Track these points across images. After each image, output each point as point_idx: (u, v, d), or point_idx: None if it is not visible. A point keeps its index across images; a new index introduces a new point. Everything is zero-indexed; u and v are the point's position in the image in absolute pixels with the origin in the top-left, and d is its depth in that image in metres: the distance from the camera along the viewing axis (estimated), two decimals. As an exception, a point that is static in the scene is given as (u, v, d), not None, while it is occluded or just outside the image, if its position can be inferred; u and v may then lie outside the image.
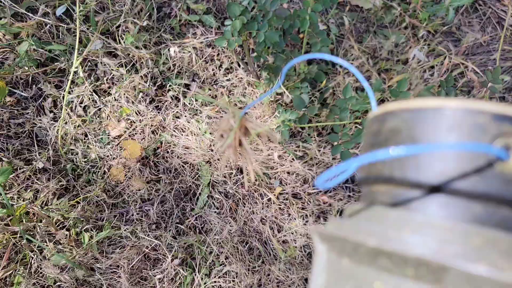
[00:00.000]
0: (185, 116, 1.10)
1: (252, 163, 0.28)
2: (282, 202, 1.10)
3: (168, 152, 1.09)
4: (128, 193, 1.04)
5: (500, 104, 0.17)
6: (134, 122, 1.08)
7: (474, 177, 0.17)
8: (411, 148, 0.17)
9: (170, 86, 1.12)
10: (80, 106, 1.07)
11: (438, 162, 0.18)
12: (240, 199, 1.09)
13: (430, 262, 0.15)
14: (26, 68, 1.04)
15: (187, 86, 1.15)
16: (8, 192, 0.96)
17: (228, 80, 1.17)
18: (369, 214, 0.20)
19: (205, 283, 0.99)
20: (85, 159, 1.05)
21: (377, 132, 0.21)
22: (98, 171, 1.05)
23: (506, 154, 0.17)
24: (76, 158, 1.04)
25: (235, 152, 0.28)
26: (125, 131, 1.07)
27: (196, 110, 1.12)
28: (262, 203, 1.09)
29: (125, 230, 1.01)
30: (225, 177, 1.10)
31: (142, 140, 1.07)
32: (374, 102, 0.24)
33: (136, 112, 1.08)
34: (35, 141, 1.03)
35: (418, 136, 0.18)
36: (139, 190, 1.05)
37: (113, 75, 1.09)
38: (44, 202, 0.99)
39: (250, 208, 1.08)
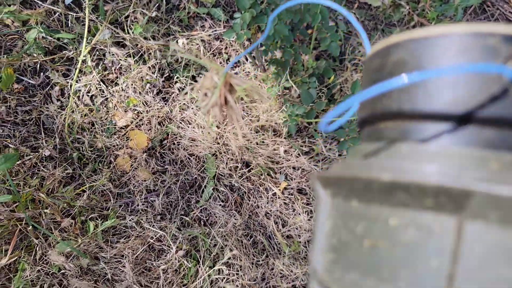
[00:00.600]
0: (192, 108, 1.10)
1: (239, 122, 0.27)
2: (287, 197, 1.10)
3: (174, 143, 1.09)
4: (133, 183, 1.04)
5: (510, 25, 0.17)
6: (141, 113, 1.08)
7: (488, 101, 0.16)
8: (425, 73, 0.16)
9: (177, 78, 1.12)
10: (87, 95, 1.07)
11: (448, 90, 0.17)
12: (245, 192, 1.09)
13: (452, 188, 0.15)
14: (34, 56, 1.04)
15: (194, 78, 1.14)
16: (14, 178, 0.96)
17: (235, 73, 1.16)
18: (378, 150, 0.19)
19: (209, 275, 0.99)
20: (92, 148, 1.05)
21: (380, 67, 0.20)
22: (104, 161, 1.05)
23: None
24: (82, 147, 1.04)
25: (221, 110, 0.27)
26: (132, 122, 1.07)
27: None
28: (267, 198, 1.09)
29: (130, 220, 1.00)
30: (230, 170, 1.09)
31: (148, 131, 1.07)
32: (368, 43, 0.23)
33: (143, 103, 1.08)
34: (42, 128, 1.03)
35: (426, 65, 0.18)
36: (145, 180, 1.04)
37: (121, 65, 1.09)
38: (50, 189, 0.99)
39: (255, 202, 1.08)
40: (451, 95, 0.17)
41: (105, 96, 1.08)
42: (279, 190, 1.10)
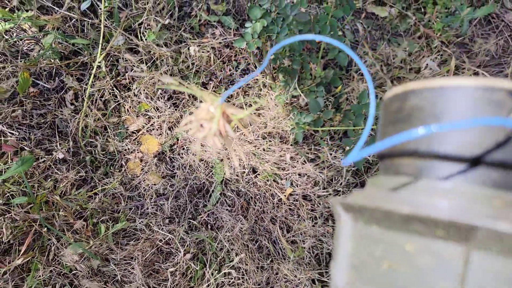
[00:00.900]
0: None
1: (235, 150, 0.29)
2: (292, 203, 1.12)
3: (184, 148, 1.11)
4: (144, 187, 1.07)
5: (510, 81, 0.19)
6: (152, 118, 1.10)
7: (494, 147, 0.19)
8: (441, 126, 0.19)
9: (188, 84, 1.15)
10: (101, 100, 1.09)
11: (460, 135, 0.20)
12: (251, 198, 1.11)
13: (460, 223, 0.17)
14: (50, 61, 1.07)
15: (204, 85, 1.17)
16: (29, 180, 0.98)
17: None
18: (397, 184, 0.22)
19: (215, 279, 1.02)
20: (104, 152, 1.07)
21: (399, 110, 0.22)
22: (116, 164, 1.08)
23: None
24: (95, 150, 1.07)
25: (220, 140, 0.28)
26: (143, 126, 1.10)
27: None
28: (273, 203, 1.11)
29: (140, 223, 1.03)
30: (237, 176, 1.12)
31: (159, 135, 1.10)
32: (372, 87, 0.25)
33: (154, 108, 1.11)
34: (56, 132, 1.06)
35: (440, 113, 0.20)
36: (155, 184, 1.07)
37: (134, 70, 1.12)
38: (63, 192, 1.02)
39: (261, 207, 1.11)
40: (462, 140, 0.19)
41: (118, 101, 1.10)
42: (285, 196, 1.12)
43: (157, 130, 1.10)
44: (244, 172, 1.13)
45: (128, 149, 1.08)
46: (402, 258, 0.19)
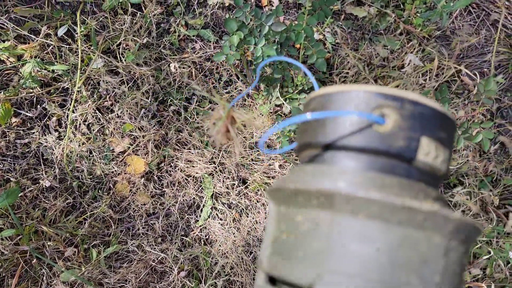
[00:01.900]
0: (187, 129, 1.13)
1: (237, 146, 0.36)
2: (285, 211, 1.12)
3: (171, 166, 1.11)
4: (133, 208, 1.06)
5: (376, 86, 0.24)
6: (137, 138, 1.10)
7: (361, 136, 0.24)
8: (318, 113, 0.25)
9: (171, 101, 1.15)
10: (84, 124, 1.09)
11: (337, 129, 0.25)
12: (243, 209, 1.11)
13: (324, 191, 0.22)
14: (31, 89, 1.07)
15: (187, 100, 1.17)
16: (16, 211, 0.98)
17: (227, 92, 1.19)
18: (295, 170, 0.28)
19: (211, 294, 1.01)
20: (91, 176, 1.07)
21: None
22: (104, 187, 1.08)
23: (381, 120, 0.23)
24: (81, 175, 1.07)
25: (224, 137, 0.35)
26: (129, 147, 1.10)
27: (198, 123, 1.15)
28: (265, 213, 1.11)
29: (131, 244, 1.03)
30: (227, 188, 1.12)
31: (145, 155, 1.10)
32: (316, 85, 0.31)
33: (138, 128, 1.11)
34: (41, 160, 1.06)
35: (326, 110, 0.26)
36: (144, 204, 1.07)
37: (115, 92, 1.12)
38: (52, 220, 1.02)
39: (253, 218, 1.10)
40: (339, 132, 0.25)
41: (102, 123, 1.10)
42: (277, 205, 1.12)
43: (143, 149, 1.10)
44: (234, 184, 1.12)
45: (115, 171, 1.08)
46: (293, 227, 0.24)
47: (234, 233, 1.09)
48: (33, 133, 1.07)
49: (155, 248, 1.03)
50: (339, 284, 0.21)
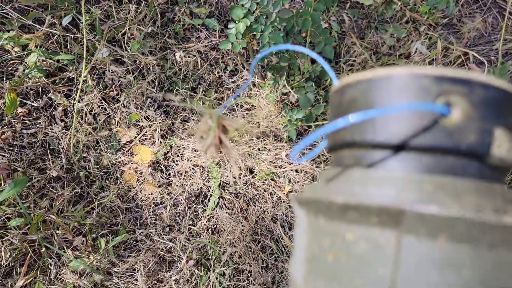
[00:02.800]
0: (193, 119, 1.12)
1: (234, 158, 0.31)
2: (292, 200, 1.11)
3: (178, 155, 1.10)
4: (141, 198, 1.06)
5: (438, 68, 0.20)
6: (144, 128, 1.10)
7: (423, 133, 0.20)
8: (365, 113, 0.20)
9: (177, 90, 1.14)
10: (90, 114, 1.09)
11: (391, 124, 0.20)
12: (250, 199, 1.11)
13: (390, 208, 0.18)
14: (36, 79, 1.06)
15: (193, 89, 1.16)
16: (24, 201, 0.98)
17: (233, 82, 1.18)
18: (337, 175, 0.23)
19: (220, 283, 1.01)
20: (98, 166, 1.07)
21: (339, 104, 0.23)
22: (111, 177, 1.07)
23: (447, 110, 0.19)
24: (88, 165, 1.06)
25: (217, 149, 0.31)
26: (135, 137, 1.09)
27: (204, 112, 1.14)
28: (272, 202, 1.11)
29: (140, 234, 1.03)
30: (234, 177, 1.11)
31: (152, 144, 1.09)
32: (333, 75, 0.26)
33: (145, 118, 1.10)
34: (48, 150, 1.05)
35: (372, 102, 0.21)
36: (152, 194, 1.06)
37: (121, 82, 1.11)
38: (60, 209, 1.01)
39: (260, 207, 1.10)
40: (394, 128, 0.20)
41: (108, 113, 1.10)
42: (284, 194, 1.11)
43: (149, 139, 1.09)
44: (241, 173, 1.12)
45: (122, 161, 1.08)
46: (343, 247, 0.20)
47: (241, 223, 1.08)
48: (39, 123, 1.06)
49: (163, 237, 1.03)
50: None
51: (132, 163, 1.07)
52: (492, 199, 0.19)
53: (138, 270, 0.99)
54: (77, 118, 1.06)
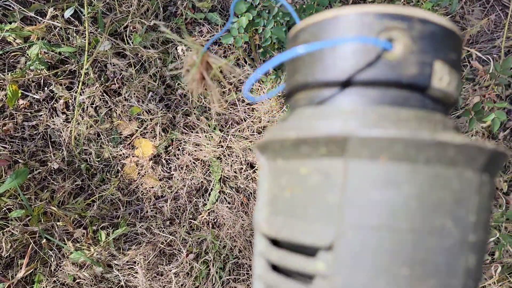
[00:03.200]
0: (195, 113, 1.12)
1: (215, 93, 0.32)
2: (293, 195, 1.11)
3: (179, 149, 1.10)
4: (141, 191, 1.06)
5: (380, 5, 0.21)
6: (145, 121, 1.10)
7: (368, 67, 0.21)
8: (312, 45, 0.21)
9: (178, 84, 1.14)
10: (92, 107, 1.09)
11: (338, 61, 0.21)
12: (251, 193, 1.11)
13: (336, 137, 0.19)
14: (38, 71, 1.06)
15: (195, 83, 1.16)
16: (25, 193, 0.98)
17: (234, 76, 1.18)
18: (291, 116, 0.24)
19: (220, 277, 1.01)
20: (99, 159, 1.07)
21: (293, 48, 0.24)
22: (112, 170, 1.07)
23: (389, 45, 0.20)
24: (90, 158, 1.06)
25: (199, 84, 0.32)
26: (137, 130, 1.09)
27: (205, 107, 1.14)
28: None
29: (140, 227, 1.03)
30: (235, 172, 1.11)
31: (153, 138, 1.09)
32: (296, 17, 0.27)
33: (146, 111, 1.10)
34: (49, 142, 1.05)
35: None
36: (152, 187, 1.07)
37: (122, 75, 1.11)
38: (61, 201, 1.01)
39: (261, 202, 1.10)
40: (341, 65, 0.21)
41: (109, 106, 1.10)
42: (285, 189, 1.11)
43: (150, 133, 1.09)
44: (242, 168, 1.12)
45: (123, 154, 1.08)
46: (298, 182, 0.21)
47: (242, 217, 1.08)
48: (41, 115, 1.06)
49: (163, 230, 1.03)
50: (365, 239, 0.18)
51: (133, 156, 1.07)
52: (431, 124, 0.20)
53: (138, 263, 0.99)
54: (78, 110, 1.06)
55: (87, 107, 1.08)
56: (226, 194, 1.10)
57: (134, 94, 1.10)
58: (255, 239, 0.24)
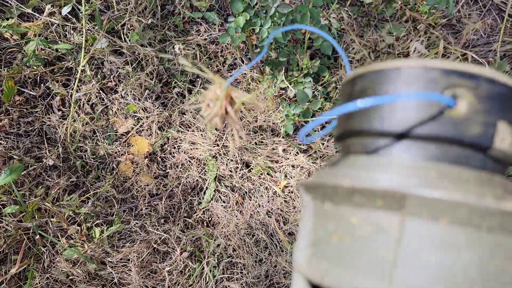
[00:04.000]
0: (191, 112, 1.12)
1: (237, 129, 0.31)
2: (287, 195, 1.12)
3: (175, 147, 1.11)
4: (136, 188, 1.06)
5: (447, 61, 0.20)
6: (141, 119, 1.10)
7: (429, 122, 0.20)
8: (374, 99, 0.20)
9: (175, 83, 1.14)
10: (88, 104, 1.09)
11: (398, 113, 0.21)
12: (246, 192, 1.11)
13: (395, 192, 0.19)
14: (34, 67, 1.06)
15: (192, 82, 1.16)
16: (20, 189, 0.98)
17: (232, 75, 1.18)
18: (344, 161, 0.24)
19: (213, 275, 1.02)
20: (94, 156, 1.07)
21: (350, 94, 0.24)
22: (107, 167, 1.07)
23: (453, 102, 0.20)
24: (85, 155, 1.07)
25: (222, 120, 0.31)
26: (133, 128, 1.09)
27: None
28: (268, 196, 1.11)
29: (134, 224, 1.03)
30: (231, 171, 1.12)
31: (149, 136, 1.09)
32: (348, 66, 0.27)
33: (142, 109, 1.10)
34: (44, 139, 1.05)
35: (382, 92, 0.22)
36: (147, 185, 1.07)
37: (119, 73, 1.11)
38: (55, 198, 1.02)
39: (256, 202, 1.10)
40: (401, 117, 0.21)
41: (105, 104, 1.10)
42: (279, 188, 1.12)
43: (146, 130, 1.10)
44: (237, 167, 1.12)
45: (119, 151, 1.08)
46: (348, 230, 0.20)
47: (237, 216, 1.09)
48: (37, 112, 1.06)
49: (157, 228, 1.03)
50: None
51: (128, 154, 1.07)
52: (493, 188, 0.20)
53: (131, 261, 0.99)
54: (74, 107, 1.07)
55: (83, 104, 1.09)
56: (221, 193, 1.10)
57: (131, 91, 1.10)
58: (293, 277, 0.24)
